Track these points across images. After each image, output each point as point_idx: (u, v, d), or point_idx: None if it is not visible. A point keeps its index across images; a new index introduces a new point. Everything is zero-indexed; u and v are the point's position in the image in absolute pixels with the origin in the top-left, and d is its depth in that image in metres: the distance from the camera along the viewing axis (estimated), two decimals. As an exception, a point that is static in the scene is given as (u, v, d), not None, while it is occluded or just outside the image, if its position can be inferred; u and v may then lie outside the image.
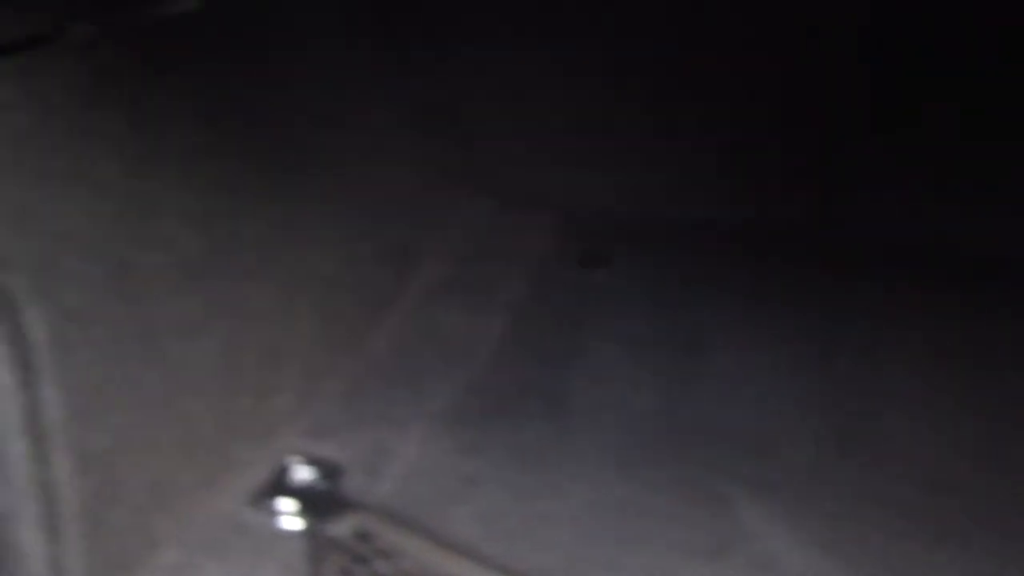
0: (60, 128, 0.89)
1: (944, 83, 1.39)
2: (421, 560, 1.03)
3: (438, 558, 1.03)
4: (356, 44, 1.32)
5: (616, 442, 1.23)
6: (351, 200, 1.31)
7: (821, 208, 1.51)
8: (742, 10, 1.36)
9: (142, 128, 0.98)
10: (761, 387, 1.30)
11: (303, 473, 1.17)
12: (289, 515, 1.12)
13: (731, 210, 1.59)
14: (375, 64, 1.34)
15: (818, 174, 1.48)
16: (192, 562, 1.05)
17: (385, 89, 1.37)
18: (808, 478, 1.14)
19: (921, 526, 1.04)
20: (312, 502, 1.14)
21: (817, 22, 1.35)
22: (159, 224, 1.00)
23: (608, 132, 1.55)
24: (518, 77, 1.51)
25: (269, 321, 1.16)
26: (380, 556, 1.04)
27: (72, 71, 0.91)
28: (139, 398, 0.99)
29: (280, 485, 1.16)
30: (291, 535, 1.09)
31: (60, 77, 0.90)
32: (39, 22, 0.87)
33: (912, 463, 1.14)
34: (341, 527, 1.07)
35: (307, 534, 1.09)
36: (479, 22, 1.41)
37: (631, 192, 1.58)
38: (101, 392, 0.95)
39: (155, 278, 1.00)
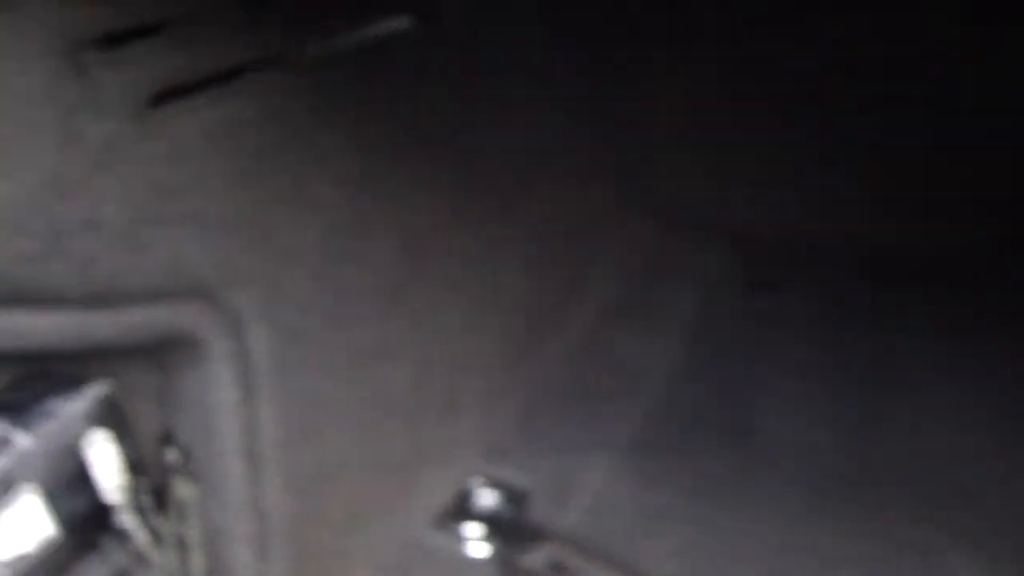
0: (291, 147, 0.89)
1: None
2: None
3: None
4: (550, 67, 1.30)
5: (801, 479, 1.18)
6: (527, 218, 1.28)
7: (1012, 245, 1.44)
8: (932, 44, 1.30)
9: (358, 149, 0.97)
10: (951, 428, 1.24)
11: (488, 497, 1.15)
12: (476, 540, 1.10)
13: (904, 240, 1.53)
14: (559, 82, 1.32)
15: (1010, 213, 1.41)
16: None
17: (565, 105, 1.34)
18: (1013, 529, 1.08)
19: None
20: (498, 528, 1.11)
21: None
22: (369, 246, 0.99)
23: (780, 157, 1.50)
24: (692, 97, 1.47)
25: (456, 341, 1.14)
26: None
27: (303, 91, 0.91)
28: (342, 420, 0.99)
29: (465, 509, 1.14)
30: (480, 562, 1.07)
31: (292, 98, 0.89)
32: (269, 44, 0.86)
33: None
34: (535, 557, 1.04)
35: (497, 562, 1.07)
36: (655, 48, 1.38)
37: (801, 217, 1.52)
38: (310, 414, 0.94)
39: (363, 299, 0.99)
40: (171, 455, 0.86)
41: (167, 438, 0.86)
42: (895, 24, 1.32)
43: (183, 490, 0.86)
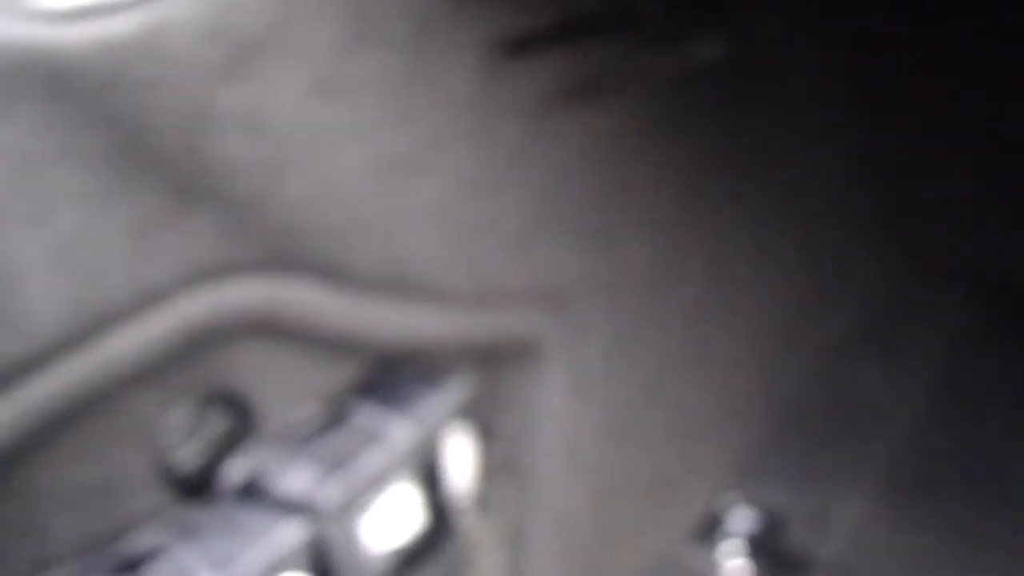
0: (638, 161, 0.89)
1: None
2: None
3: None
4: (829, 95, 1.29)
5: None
6: (784, 244, 1.27)
7: None
8: None
9: (686, 168, 0.97)
10: None
11: (744, 518, 1.15)
12: (734, 561, 1.10)
13: None
14: (834, 111, 1.30)
15: None
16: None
17: (835, 138, 1.33)
18: None
19: None
20: (756, 550, 1.11)
21: None
22: (680, 272, 0.99)
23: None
24: (948, 139, 1.44)
25: (717, 366, 1.14)
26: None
27: (652, 107, 0.91)
28: (637, 434, 0.99)
29: (721, 526, 1.14)
30: (748, 581, 1.07)
31: (643, 112, 0.90)
32: (639, 56, 0.86)
33: None
34: (807, 586, 1.04)
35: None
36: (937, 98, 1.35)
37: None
38: (617, 424, 0.95)
39: (671, 319, 0.99)
40: (493, 453, 0.87)
41: (490, 436, 0.87)
42: None
43: (500, 489, 0.88)
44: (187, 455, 0.69)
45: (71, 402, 0.55)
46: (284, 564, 0.66)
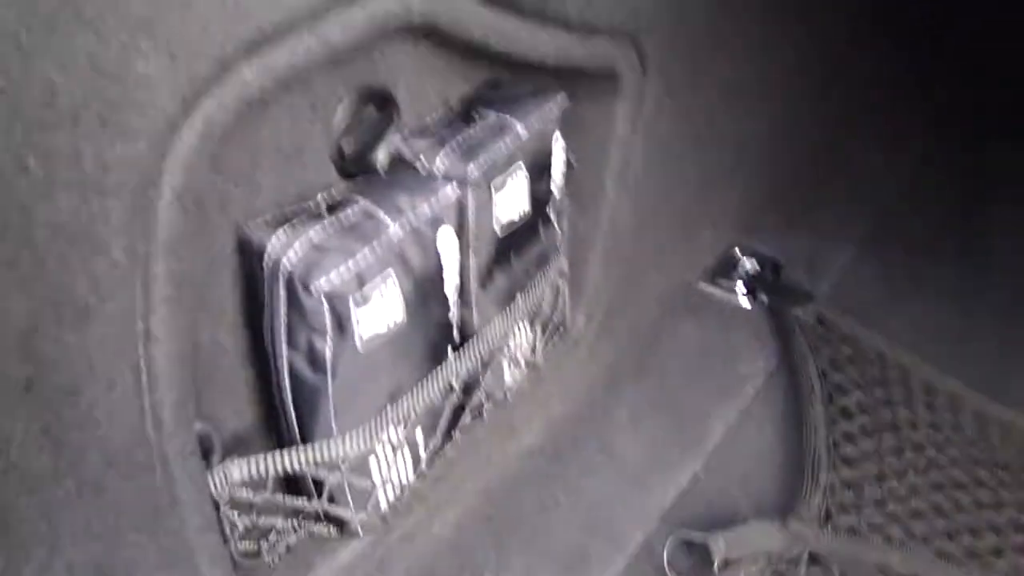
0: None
1: None
2: (876, 347, 1.20)
3: (889, 350, 1.20)
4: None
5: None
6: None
7: None
8: None
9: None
10: None
11: (749, 262, 1.35)
12: (743, 295, 1.30)
13: None
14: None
15: None
16: (674, 316, 1.24)
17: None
18: None
19: None
20: (762, 287, 1.31)
21: None
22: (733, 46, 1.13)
23: None
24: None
25: (741, 131, 1.29)
26: (841, 340, 1.21)
27: None
28: (676, 171, 1.15)
29: (730, 269, 1.34)
30: (755, 311, 1.27)
31: None
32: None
33: None
34: (808, 311, 1.24)
35: (771, 312, 1.27)
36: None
37: None
38: (662, 158, 1.11)
39: (720, 82, 1.13)
40: (571, 165, 1.03)
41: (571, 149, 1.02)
42: None
43: (564, 203, 1.04)
44: (349, 141, 0.84)
45: (286, 73, 0.66)
46: (442, 217, 0.82)
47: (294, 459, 0.77)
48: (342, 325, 0.73)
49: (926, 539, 0.99)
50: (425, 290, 0.81)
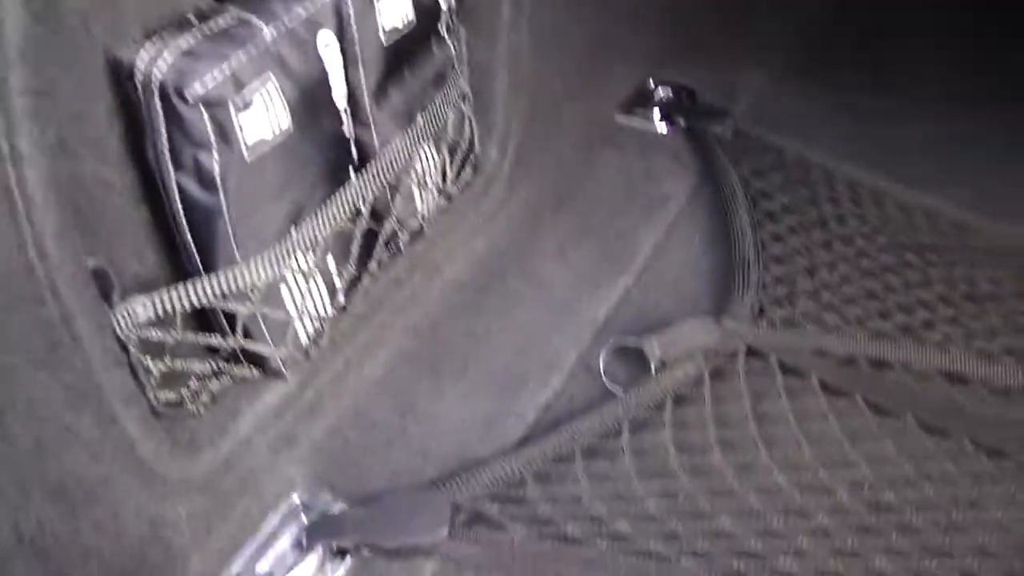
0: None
1: None
2: (797, 152, 1.19)
3: (811, 153, 1.19)
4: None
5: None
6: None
7: None
8: None
9: None
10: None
11: (663, 91, 1.32)
12: (660, 121, 1.28)
13: None
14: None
15: None
16: (593, 149, 1.22)
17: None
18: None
19: None
20: (678, 112, 1.29)
21: None
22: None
23: None
24: None
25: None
26: (761, 150, 1.20)
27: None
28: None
29: (646, 100, 1.31)
30: (674, 136, 1.25)
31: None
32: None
33: None
34: (724, 128, 1.22)
35: (690, 133, 1.25)
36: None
37: None
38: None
39: None
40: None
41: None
42: None
43: (455, 21, 1.00)
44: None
45: None
46: (320, 20, 0.78)
47: (199, 290, 0.74)
48: (224, 133, 0.70)
49: (860, 322, 0.98)
50: (312, 98, 0.77)
